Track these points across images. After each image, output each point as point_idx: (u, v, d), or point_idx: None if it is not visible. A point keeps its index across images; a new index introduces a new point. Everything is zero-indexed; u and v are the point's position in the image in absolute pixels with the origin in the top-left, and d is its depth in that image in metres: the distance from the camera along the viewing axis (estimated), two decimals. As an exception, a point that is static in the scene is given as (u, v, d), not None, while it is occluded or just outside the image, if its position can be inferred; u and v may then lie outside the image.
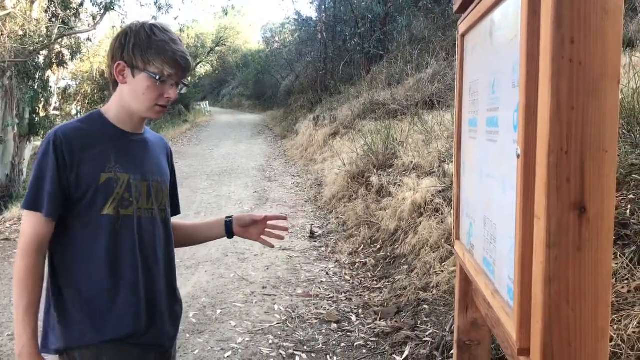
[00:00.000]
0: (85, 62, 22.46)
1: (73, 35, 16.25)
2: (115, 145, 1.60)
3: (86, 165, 1.53)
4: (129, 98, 1.59)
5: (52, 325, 1.56)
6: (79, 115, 19.72)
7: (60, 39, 15.25)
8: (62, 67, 17.51)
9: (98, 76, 22.74)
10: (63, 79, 22.24)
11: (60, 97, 21.70)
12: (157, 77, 1.54)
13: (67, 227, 1.55)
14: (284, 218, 1.96)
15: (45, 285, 1.55)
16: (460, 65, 1.82)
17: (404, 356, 3.21)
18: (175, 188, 1.89)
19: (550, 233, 0.99)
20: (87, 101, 22.69)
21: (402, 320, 3.68)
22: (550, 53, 0.93)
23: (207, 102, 35.49)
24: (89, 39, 18.73)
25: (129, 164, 1.61)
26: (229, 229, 1.90)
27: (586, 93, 0.95)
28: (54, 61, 15.75)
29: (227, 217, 1.92)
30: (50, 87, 18.01)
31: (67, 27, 14.87)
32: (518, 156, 1.09)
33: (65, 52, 16.63)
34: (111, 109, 1.64)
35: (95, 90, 22.89)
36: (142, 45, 1.54)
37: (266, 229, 1.92)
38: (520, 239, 1.10)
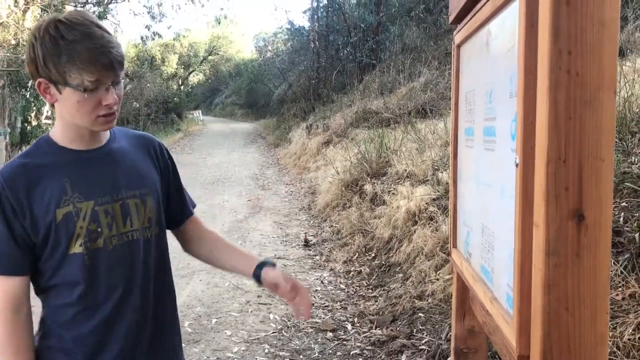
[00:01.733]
0: (78, 71, 22.38)
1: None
2: (69, 172, 1.37)
3: (38, 205, 1.32)
4: (68, 115, 1.35)
5: None
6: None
7: (53, 48, 15.24)
8: (54, 76, 17.47)
9: (90, 85, 22.66)
10: (55, 88, 22.13)
11: (52, 106, 21.58)
12: (82, 89, 1.27)
13: (41, 273, 1.38)
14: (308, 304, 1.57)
15: None
16: (456, 76, 1.84)
17: (400, 365, 3.22)
18: (178, 186, 1.65)
19: (549, 241, 1.00)
20: (79, 110, 22.58)
21: (398, 329, 3.69)
22: (548, 64, 0.95)
23: (200, 111, 35.51)
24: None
25: (91, 187, 1.38)
26: (258, 273, 1.56)
27: (583, 104, 0.97)
28: (46, 70, 15.71)
29: (262, 262, 1.59)
30: (43, 96, 17.92)
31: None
32: (517, 165, 1.11)
33: (58, 61, 16.60)
34: (58, 131, 1.41)
35: (87, 99, 22.79)
36: (51, 54, 1.26)
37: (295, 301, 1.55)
38: (519, 247, 1.12)
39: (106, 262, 1.38)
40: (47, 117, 19.27)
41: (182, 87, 37.02)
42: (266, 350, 3.66)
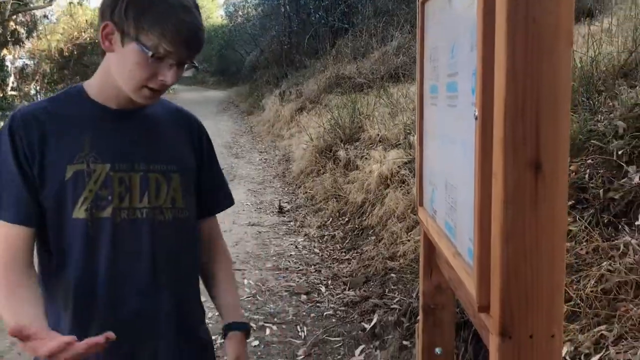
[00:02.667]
0: (43, 40, 21.78)
1: (28, 12, 15.73)
2: (93, 128, 1.25)
3: (50, 156, 1.21)
4: (116, 71, 1.23)
5: None
6: (38, 97, 19.17)
7: (15, 16, 14.76)
8: (18, 46, 16.96)
9: (57, 55, 22.10)
10: (20, 58, 21.57)
11: (17, 77, 21.05)
12: (150, 53, 1.16)
13: (43, 238, 1.25)
14: None
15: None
16: (420, 33, 1.83)
17: (372, 323, 3.28)
18: (210, 178, 1.48)
19: (508, 192, 1.01)
20: (46, 80, 22.05)
21: (370, 289, 3.74)
22: (506, 12, 0.94)
23: (171, 80, 34.88)
24: (45, 16, 18.18)
25: (111, 150, 1.25)
26: (225, 332, 1.42)
27: (541, 52, 0.96)
28: (9, 39, 15.25)
29: (231, 326, 1.42)
30: (7, 66, 17.48)
31: (21, 3, 14.38)
32: (476, 118, 1.11)
33: (21, 29, 16.10)
34: (94, 82, 1.29)
35: (55, 70, 22.26)
36: (139, 5, 1.16)
37: None
38: (479, 199, 1.12)
39: (111, 236, 1.24)
40: (12, 89, 18.79)
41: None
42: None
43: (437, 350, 1.90)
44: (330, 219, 5.75)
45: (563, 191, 1.01)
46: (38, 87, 22.12)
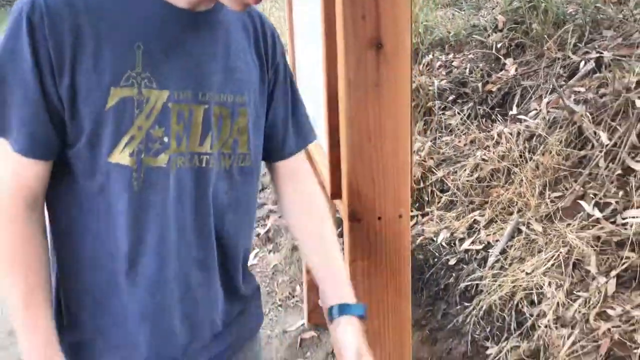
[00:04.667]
0: None
1: None
2: (150, 34, 0.86)
3: (86, 70, 0.82)
4: None
5: None
6: None
7: None
8: None
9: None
10: None
11: None
12: None
13: (63, 175, 0.89)
14: None
15: None
16: None
17: (266, 228, 3.34)
18: (292, 104, 1.05)
19: (349, 72, 0.98)
20: None
21: (266, 196, 3.77)
22: None
23: None
24: None
25: (172, 70, 0.88)
26: (332, 317, 1.00)
27: None
28: None
29: (345, 308, 1.00)
30: None
31: None
32: (320, -2, 1.05)
33: None
34: None
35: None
36: None
37: None
38: (326, 85, 1.09)
39: (162, 191, 0.89)
40: None
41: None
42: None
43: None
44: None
45: (405, 69, 0.99)
46: None
